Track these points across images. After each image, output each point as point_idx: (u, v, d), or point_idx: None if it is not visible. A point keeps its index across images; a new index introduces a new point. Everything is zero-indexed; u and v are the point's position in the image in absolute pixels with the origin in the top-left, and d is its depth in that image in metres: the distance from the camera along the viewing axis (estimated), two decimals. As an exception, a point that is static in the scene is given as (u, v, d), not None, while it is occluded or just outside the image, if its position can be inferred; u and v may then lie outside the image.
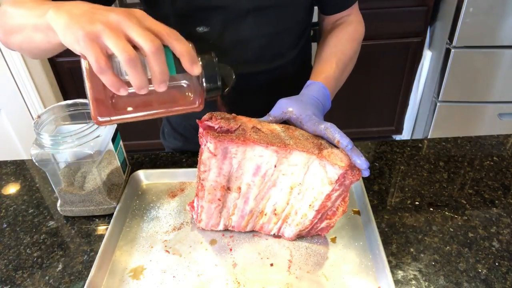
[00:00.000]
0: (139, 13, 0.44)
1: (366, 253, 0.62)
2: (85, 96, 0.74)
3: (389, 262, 0.60)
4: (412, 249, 0.63)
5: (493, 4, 1.57)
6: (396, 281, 0.58)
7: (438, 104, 1.85)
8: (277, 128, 0.57)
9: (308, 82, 0.68)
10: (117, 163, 0.72)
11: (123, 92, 0.43)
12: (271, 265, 0.61)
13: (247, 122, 0.56)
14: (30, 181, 0.81)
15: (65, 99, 1.28)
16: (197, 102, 0.47)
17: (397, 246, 0.64)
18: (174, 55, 0.44)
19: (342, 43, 0.76)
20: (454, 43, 1.68)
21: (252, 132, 0.54)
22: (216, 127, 0.54)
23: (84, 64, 0.44)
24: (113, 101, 0.45)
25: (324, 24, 0.84)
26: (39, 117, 0.66)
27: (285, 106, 0.60)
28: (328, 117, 0.64)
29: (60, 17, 0.45)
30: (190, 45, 0.45)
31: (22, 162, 0.86)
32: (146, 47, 0.41)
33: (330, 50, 0.75)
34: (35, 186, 0.80)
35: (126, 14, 0.43)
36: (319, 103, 0.63)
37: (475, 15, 1.60)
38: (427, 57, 1.90)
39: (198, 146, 0.55)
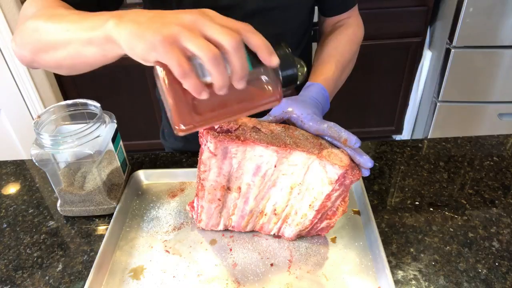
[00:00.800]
0: (210, 11, 0.42)
1: (366, 253, 0.62)
2: (85, 96, 0.75)
3: (389, 262, 0.60)
4: (412, 249, 0.63)
5: (493, 4, 1.57)
6: (396, 281, 0.58)
7: (438, 104, 1.85)
8: (277, 128, 0.57)
9: (307, 83, 0.68)
10: (117, 163, 0.72)
11: (204, 95, 0.41)
12: (271, 265, 0.61)
13: (247, 122, 0.56)
14: (30, 181, 0.81)
15: (65, 99, 1.28)
16: (276, 95, 0.45)
17: (397, 246, 0.64)
18: (247, 50, 0.42)
19: (341, 45, 0.77)
20: (454, 43, 1.68)
21: (252, 132, 0.54)
22: (216, 127, 0.54)
23: (160, 72, 0.41)
24: (194, 106, 0.43)
25: (324, 26, 0.85)
26: (39, 117, 0.66)
27: (285, 106, 0.60)
28: (328, 117, 0.64)
29: (125, 27, 0.42)
30: None
31: (22, 162, 0.86)
32: (226, 43, 0.39)
33: (329, 52, 0.75)
34: (35, 186, 0.80)
35: (199, 12, 0.41)
36: (319, 104, 0.63)
37: (475, 15, 1.60)
38: (427, 57, 1.90)
39: (198, 146, 0.55)
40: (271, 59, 0.42)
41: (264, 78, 0.45)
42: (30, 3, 0.59)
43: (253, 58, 0.42)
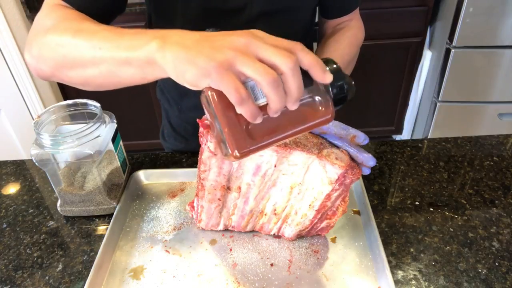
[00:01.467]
0: (259, 32, 0.40)
1: (366, 253, 0.62)
2: (85, 96, 0.75)
3: (389, 262, 0.60)
4: (412, 249, 0.63)
5: (493, 4, 1.57)
6: (396, 281, 0.58)
7: (438, 104, 1.85)
8: (277, 128, 0.57)
9: None
10: (117, 163, 0.72)
11: (259, 120, 0.39)
12: (271, 265, 0.61)
13: (247, 122, 0.56)
14: (30, 181, 0.81)
15: (65, 99, 1.28)
16: (329, 112, 0.44)
17: (397, 246, 0.64)
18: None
19: (341, 48, 0.77)
20: (454, 43, 1.68)
21: (252, 132, 0.54)
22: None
23: (212, 98, 0.39)
24: (248, 130, 0.41)
25: (325, 27, 0.85)
26: (39, 117, 0.66)
27: None
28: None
29: (171, 51, 0.40)
30: None
31: (22, 162, 0.86)
32: (283, 65, 0.37)
33: (329, 55, 0.75)
34: (35, 186, 0.80)
35: (249, 34, 0.39)
36: None
37: (475, 15, 1.60)
38: (427, 57, 1.90)
39: (198, 147, 0.55)
40: (325, 77, 0.41)
41: (315, 96, 0.43)
42: (47, 13, 0.57)
43: (303, 76, 0.40)
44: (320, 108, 0.44)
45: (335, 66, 0.44)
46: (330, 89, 0.43)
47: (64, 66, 0.51)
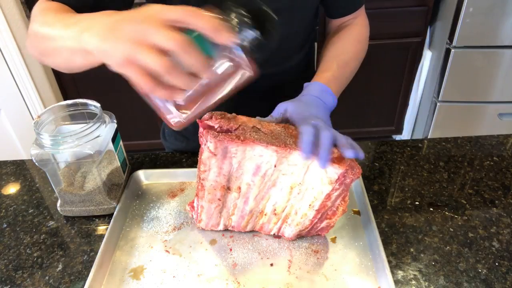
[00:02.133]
0: (154, 10, 0.41)
1: (366, 253, 0.62)
2: (85, 96, 0.75)
3: (389, 262, 0.60)
4: (412, 249, 0.63)
5: (493, 4, 1.57)
6: (396, 281, 0.58)
7: (438, 104, 1.85)
8: (277, 128, 0.57)
9: (305, 84, 0.68)
10: (117, 163, 0.72)
11: (178, 100, 0.41)
12: (271, 265, 0.61)
13: (247, 121, 0.56)
14: (30, 181, 0.81)
15: (65, 99, 1.28)
16: (250, 66, 0.44)
17: (397, 246, 0.64)
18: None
19: (344, 46, 0.77)
20: (454, 43, 1.68)
21: (252, 131, 0.54)
22: (216, 127, 0.54)
23: (136, 86, 0.43)
24: (178, 104, 0.44)
25: (330, 26, 0.85)
26: (39, 117, 0.66)
27: (284, 108, 0.61)
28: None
29: (94, 42, 0.43)
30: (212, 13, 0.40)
31: (22, 162, 0.86)
32: (171, 48, 0.39)
33: (332, 53, 0.75)
34: (35, 186, 0.80)
35: (142, 19, 0.40)
36: (319, 101, 0.63)
37: (475, 15, 1.60)
38: (427, 57, 1.90)
39: (199, 146, 0.55)
40: (223, 39, 0.40)
41: (231, 55, 0.43)
42: (37, 4, 0.60)
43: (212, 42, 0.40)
44: (239, 65, 0.44)
45: (237, 15, 0.42)
46: (243, 40, 0.42)
47: (42, 54, 0.55)
